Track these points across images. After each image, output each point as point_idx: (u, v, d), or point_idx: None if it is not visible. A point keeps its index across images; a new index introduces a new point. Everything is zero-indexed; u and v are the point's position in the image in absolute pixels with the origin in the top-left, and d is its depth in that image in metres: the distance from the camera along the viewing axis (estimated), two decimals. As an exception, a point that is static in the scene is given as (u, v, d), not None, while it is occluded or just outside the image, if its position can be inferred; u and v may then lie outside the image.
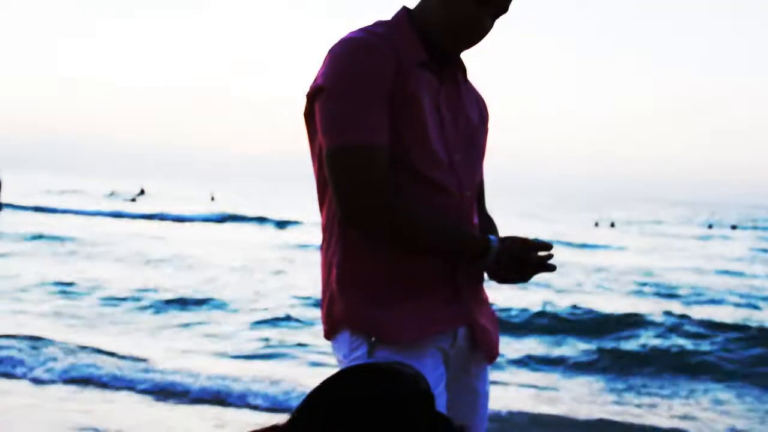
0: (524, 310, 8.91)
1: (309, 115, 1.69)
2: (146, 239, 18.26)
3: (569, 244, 23.74)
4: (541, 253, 1.70)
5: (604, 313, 9.09)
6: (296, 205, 41.93)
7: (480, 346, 1.74)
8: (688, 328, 8.49)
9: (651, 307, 10.05)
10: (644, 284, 13.55)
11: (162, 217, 28.49)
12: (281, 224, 27.54)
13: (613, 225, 41.96)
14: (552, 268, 1.70)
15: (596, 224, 41.96)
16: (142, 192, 51.71)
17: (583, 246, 23.49)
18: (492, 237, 1.69)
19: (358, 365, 1.37)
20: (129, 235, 19.33)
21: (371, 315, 1.63)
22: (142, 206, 35.37)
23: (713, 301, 11.91)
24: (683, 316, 9.11)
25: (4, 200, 27.26)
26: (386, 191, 1.60)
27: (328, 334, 1.72)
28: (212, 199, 48.70)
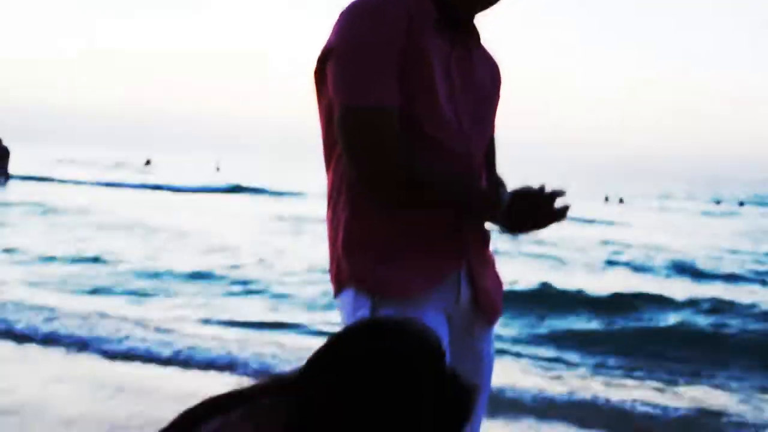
0: (531, 287, 8.74)
1: (319, 76, 1.69)
2: (152, 209, 18.21)
3: (578, 219, 23.65)
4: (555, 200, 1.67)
5: (617, 291, 8.88)
6: (299, 177, 41.84)
7: (482, 307, 1.75)
8: (703, 305, 8.32)
9: (663, 284, 9.96)
10: (654, 260, 13.42)
11: (168, 188, 28.49)
12: (283, 195, 27.50)
13: (621, 201, 41.89)
14: (564, 214, 1.67)
15: (606, 199, 41.91)
16: (148, 162, 51.72)
17: (592, 221, 23.38)
18: (502, 190, 1.72)
19: (363, 320, 1.36)
20: (134, 205, 19.31)
21: (375, 273, 1.65)
22: (148, 177, 35.36)
23: (727, 278, 11.78)
24: (697, 294, 8.97)
25: (12, 171, 27.21)
26: (397, 152, 1.61)
27: (337, 294, 1.74)
28: (217, 169, 48.73)
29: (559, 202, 1.67)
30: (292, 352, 5.53)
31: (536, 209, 1.65)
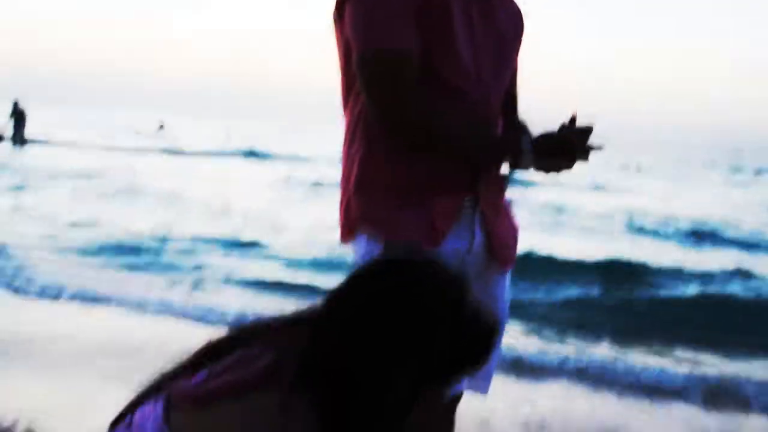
0: (549, 257, 8.44)
1: (338, 18, 1.70)
2: (168, 174, 18.19)
3: (595, 187, 23.45)
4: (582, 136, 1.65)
5: (638, 262, 8.61)
6: (309, 142, 41.70)
7: (496, 253, 1.76)
8: (730, 277, 8.15)
9: (682, 252, 9.83)
10: (673, 228, 13.25)
11: (182, 153, 28.48)
12: (291, 160, 27.43)
13: (639, 169, 41.57)
14: (586, 155, 1.66)
15: (623, 167, 41.60)
16: (161, 127, 51.69)
17: (608, 189, 23.14)
18: (522, 136, 1.70)
19: (382, 256, 1.39)
20: (149, 169, 19.30)
21: (387, 215, 1.66)
22: (162, 141, 35.36)
23: (746, 246, 11.58)
24: (722, 265, 8.74)
25: (29, 135, 27.21)
26: (412, 97, 1.63)
27: (345, 237, 1.75)
28: (227, 135, 48.74)
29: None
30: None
31: (565, 148, 1.65)
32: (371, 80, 1.63)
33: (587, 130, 1.65)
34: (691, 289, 7.60)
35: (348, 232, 1.74)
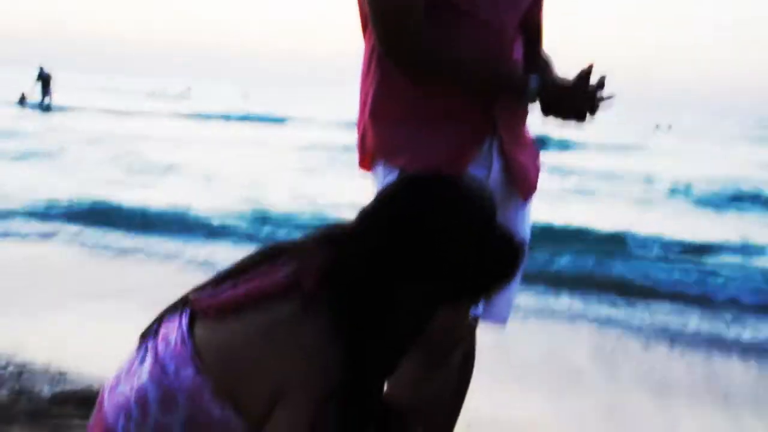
0: (565, 227, 7.62)
1: None
2: (195, 139, 18.07)
3: (626, 147, 22.94)
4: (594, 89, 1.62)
5: (666, 238, 7.60)
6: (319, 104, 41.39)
7: (516, 181, 1.75)
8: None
9: (717, 229, 9.34)
10: (707, 198, 12.74)
11: (207, 117, 28.41)
12: (303, 122, 27.20)
13: (670, 127, 40.88)
14: (596, 106, 1.63)
15: (657, 127, 40.95)
16: (187, 90, 51.75)
17: (636, 148, 22.61)
18: (533, 75, 1.66)
19: (409, 176, 1.35)
20: (176, 133, 19.20)
21: (404, 142, 1.66)
22: (186, 106, 35.31)
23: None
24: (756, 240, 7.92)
25: (55, 101, 27.22)
26: (420, 36, 1.61)
27: (363, 165, 1.79)
28: (245, 96, 48.68)
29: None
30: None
31: (575, 95, 1.61)
32: (380, 16, 1.62)
33: (599, 82, 1.62)
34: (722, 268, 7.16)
35: (366, 160, 1.77)
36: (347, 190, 9.49)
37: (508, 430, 2.84)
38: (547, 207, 8.13)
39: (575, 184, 13.25)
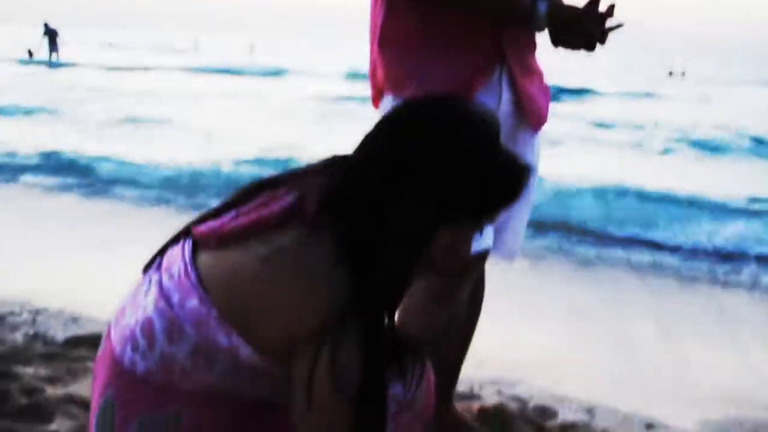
0: (579, 188, 7.14)
1: None
2: (211, 94, 17.96)
3: (638, 94, 22.57)
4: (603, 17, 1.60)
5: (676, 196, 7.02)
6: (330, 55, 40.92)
7: (525, 111, 1.74)
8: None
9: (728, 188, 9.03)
10: (731, 141, 12.48)
11: (218, 71, 28.13)
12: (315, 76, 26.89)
13: (683, 74, 40.24)
14: (605, 37, 1.61)
15: (670, 73, 40.31)
16: (196, 45, 51.34)
17: (648, 95, 22.24)
18: (542, 1, 1.62)
19: (411, 99, 1.33)
20: (186, 87, 19.07)
21: (412, 70, 1.65)
22: (195, 59, 35.01)
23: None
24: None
25: (63, 58, 27.05)
26: None
27: (376, 102, 1.78)
28: (251, 49, 48.22)
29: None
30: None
31: (582, 22, 1.59)
32: None
33: (608, 10, 1.61)
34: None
35: (377, 95, 1.76)
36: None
37: (518, 368, 2.85)
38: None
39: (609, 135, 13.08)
